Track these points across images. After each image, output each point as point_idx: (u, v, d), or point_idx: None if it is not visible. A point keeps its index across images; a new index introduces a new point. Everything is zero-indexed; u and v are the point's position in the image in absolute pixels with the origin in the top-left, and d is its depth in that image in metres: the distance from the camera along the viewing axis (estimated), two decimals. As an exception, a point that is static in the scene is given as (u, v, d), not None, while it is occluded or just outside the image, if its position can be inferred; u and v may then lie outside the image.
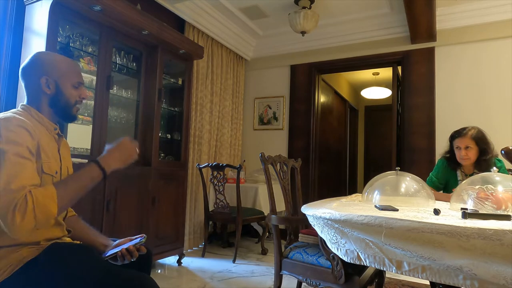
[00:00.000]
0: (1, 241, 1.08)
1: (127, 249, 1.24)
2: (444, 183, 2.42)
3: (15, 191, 0.98)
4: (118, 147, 1.28)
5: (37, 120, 1.22)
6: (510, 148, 1.81)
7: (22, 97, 2.17)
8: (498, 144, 2.24)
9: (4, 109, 2.25)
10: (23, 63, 1.28)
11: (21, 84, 1.29)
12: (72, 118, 1.34)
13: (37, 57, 1.28)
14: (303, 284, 1.97)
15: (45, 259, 1.09)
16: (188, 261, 3.27)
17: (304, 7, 3.60)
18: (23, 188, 1.00)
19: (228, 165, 3.45)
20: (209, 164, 3.53)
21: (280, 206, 2.25)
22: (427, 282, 2.42)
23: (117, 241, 1.32)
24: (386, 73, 5.71)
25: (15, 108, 2.18)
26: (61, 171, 1.25)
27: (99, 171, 1.18)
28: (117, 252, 1.23)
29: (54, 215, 1.04)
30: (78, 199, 1.17)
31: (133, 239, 1.28)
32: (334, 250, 1.41)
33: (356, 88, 7.09)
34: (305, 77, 4.54)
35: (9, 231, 0.98)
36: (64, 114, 1.30)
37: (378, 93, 6.46)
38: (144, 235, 1.29)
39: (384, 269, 1.28)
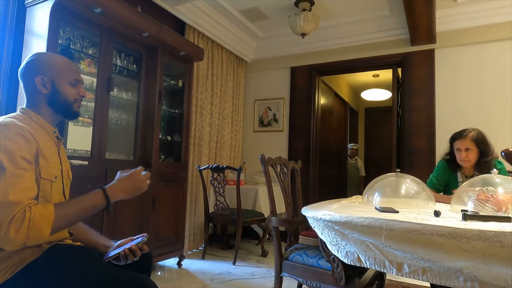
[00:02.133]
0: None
1: (129, 249, 1.24)
2: (444, 185, 2.42)
3: (13, 203, 0.98)
4: (128, 178, 1.22)
5: (38, 123, 1.21)
6: (510, 150, 1.81)
7: (23, 99, 2.19)
8: (498, 145, 2.24)
9: (5, 111, 2.26)
10: (21, 65, 1.27)
11: (21, 87, 1.28)
12: (74, 115, 1.32)
13: (33, 57, 1.27)
14: (304, 286, 1.97)
15: (46, 260, 1.09)
16: (188, 263, 3.27)
17: (304, 9, 3.61)
18: (21, 201, 1.00)
19: (228, 167, 3.45)
20: (209, 166, 3.53)
21: (280, 208, 2.25)
22: (428, 284, 2.41)
23: (119, 242, 1.32)
24: (386, 75, 5.72)
25: (15, 109, 2.21)
26: (62, 175, 1.25)
27: (103, 200, 1.15)
28: (119, 252, 1.24)
29: (46, 238, 1.03)
30: (76, 222, 1.16)
31: (134, 239, 1.28)
32: (334, 252, 1.41)
33: (356, 90, 7.10)
34: (305, 79, 4.54)
35: (2, 243, 0.99)
36: (64, 112, 1.28)
37: (378, 95, 6.47)
38: (146, 234, 1.29)
39: (385, 271, 1.27)
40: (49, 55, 1.32)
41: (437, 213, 1.34)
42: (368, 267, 1.30)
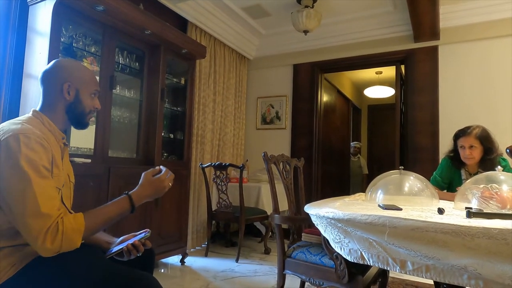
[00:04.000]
0: (4, 241, 1.08)
1: (132, 244, 1.25)
2: (448, 182, 2.40)
3: (46, 215, 1.01)
4: (153, 184, 1.28)
5: (48, 129, 1.22)
6: (515, 147, 1.80)
7: (26, 97, 2.20)
8: (502, 142, 2.22)
9: (8, 109, 2.26)
10: (45, 68, 1.29)
11: (34, 89, 1.29)
12: (85, 126, 1.36)
13: (60, 63, 1.30)
14: (306, 283, 1.97)
15: (48, 258, 1.09)
16: (191, 261, 3.27)
17: (306, 6, 3.59)
18: (52, 212, 1.02)
19: (231, 165, 3.45)
20: (212, 163, 3.53)
21: (283, 205, 2.24)
22: (431, 282, 2.41)
23: (121, 238, 1.33)
24: (389, 72, 5.70)
25: (18, 107, 2.22)
26: (63, 180, 1.25)
27: (129, 206, 1.21)
28: (122, 247, 1.24)
29: (77, 247, 1.07)
30: (104, 228, 1.22)
31: (137, 235, 1.29)
32: (337, 249, 1.41)
33: (359, 87, 7.07)
34: (308, 76, 4.53)
35: (38, 251, 1.03)
36: (77, 122, 1.32)
37: (381, 92, 6.45)
38: (148, 229, 1.30)
39: (388, 269, 1.27)
40: (75, 63, 1.36)
41: (441, 211, 1.33)
42: (371, 264, 1.30)
